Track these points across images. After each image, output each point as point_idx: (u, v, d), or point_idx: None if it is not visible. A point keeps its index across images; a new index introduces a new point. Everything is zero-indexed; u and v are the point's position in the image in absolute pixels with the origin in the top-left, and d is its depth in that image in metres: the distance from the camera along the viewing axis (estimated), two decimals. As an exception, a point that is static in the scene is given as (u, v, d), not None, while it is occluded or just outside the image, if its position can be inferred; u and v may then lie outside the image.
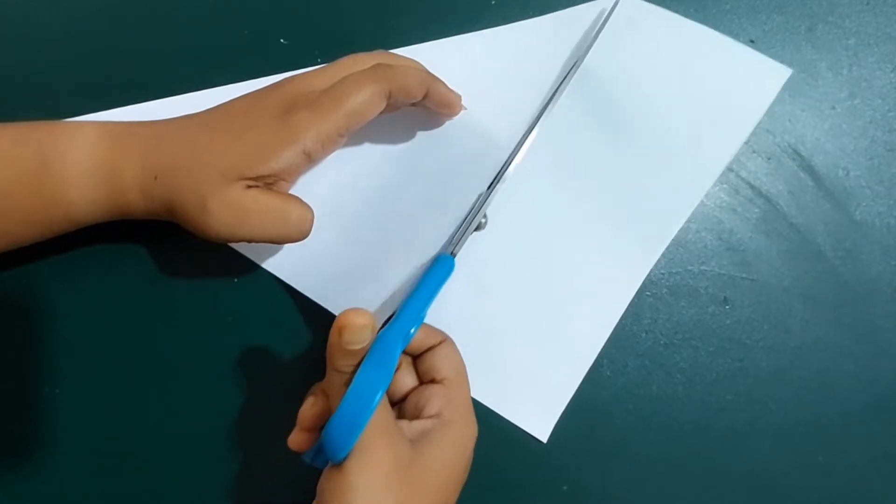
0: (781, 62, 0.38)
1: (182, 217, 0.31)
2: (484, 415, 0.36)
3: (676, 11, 0.39)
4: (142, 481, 0.35)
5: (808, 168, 0.38)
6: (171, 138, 0.31)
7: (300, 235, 0.32)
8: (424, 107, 0.35)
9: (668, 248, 0.37)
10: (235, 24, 0.38)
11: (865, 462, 0.36)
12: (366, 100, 0.30)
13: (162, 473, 0.35)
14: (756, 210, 0.38)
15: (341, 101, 0.30)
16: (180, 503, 0.35)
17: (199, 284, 0.37)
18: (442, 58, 0.36)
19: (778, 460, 0.36)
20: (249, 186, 0.30)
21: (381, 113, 0.32)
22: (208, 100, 0.33)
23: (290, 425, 0.30)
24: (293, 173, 0.32)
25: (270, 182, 0.31)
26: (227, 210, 0.30)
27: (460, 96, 0.35)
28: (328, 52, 0.38)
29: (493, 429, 0.36)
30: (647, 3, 0.38)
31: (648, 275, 0.37)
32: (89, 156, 0.31)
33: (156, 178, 0.30)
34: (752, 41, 0.39)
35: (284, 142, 0.30)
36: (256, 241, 0.31)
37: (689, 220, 0.37)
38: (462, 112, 0.36)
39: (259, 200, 0.30)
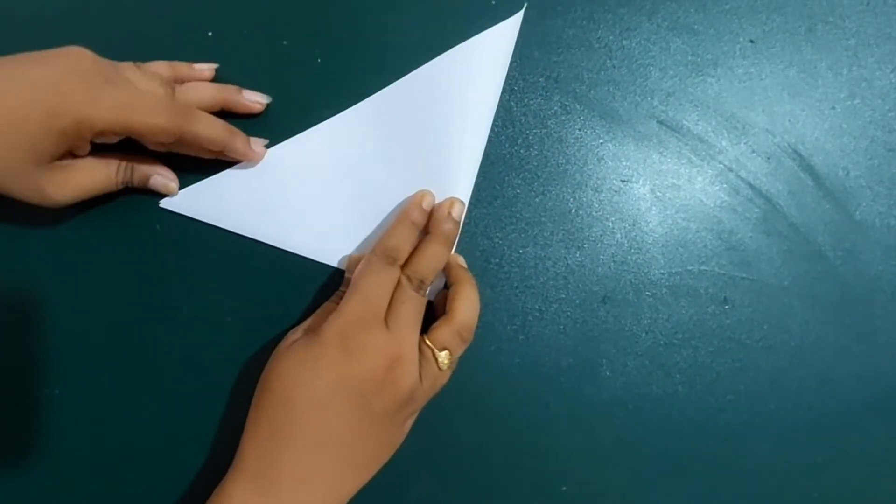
0: (781, 62, 0.38)
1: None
2: (480, 411, 0.36)
3: (676, 12, 0.39)
4: (141, 481, 0.36)
5: (808, 168, 0.38)
6: None
7: None
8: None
9: (667, 248, 0.37)
10: (236, 25, 0.38)
11: (865, 462, 0.36)
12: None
13: (162, 473, 0.35)
14: (756, 210, 0.38)
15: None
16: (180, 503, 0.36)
17: (200, 284, 0.37)
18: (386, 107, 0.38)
19: (778, 460, 0.36)
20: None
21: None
22: None
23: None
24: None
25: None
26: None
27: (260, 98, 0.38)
28: (328, 52, 0.38)
29: (491, 425, 0.36)
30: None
31: (648, 275, 0.37)
32: None
33: None
34: (751, 41, 0.39)
35: None
36: None
37: (689, 220, 0.37)
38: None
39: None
